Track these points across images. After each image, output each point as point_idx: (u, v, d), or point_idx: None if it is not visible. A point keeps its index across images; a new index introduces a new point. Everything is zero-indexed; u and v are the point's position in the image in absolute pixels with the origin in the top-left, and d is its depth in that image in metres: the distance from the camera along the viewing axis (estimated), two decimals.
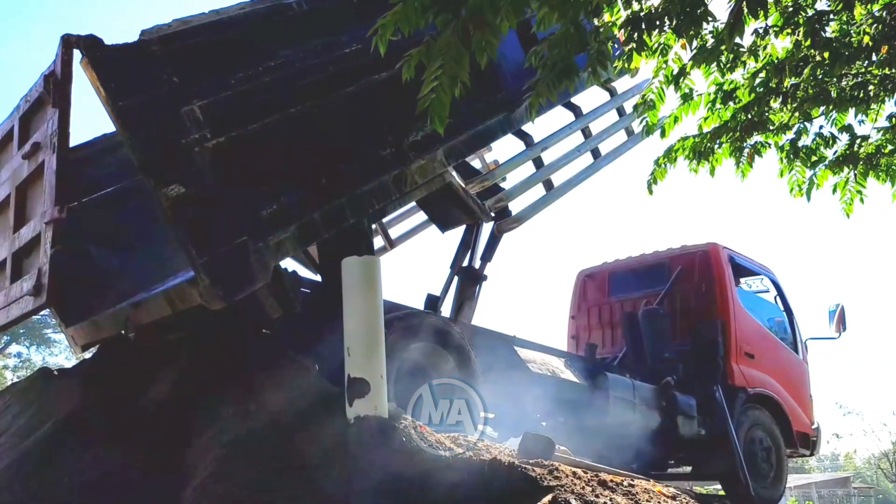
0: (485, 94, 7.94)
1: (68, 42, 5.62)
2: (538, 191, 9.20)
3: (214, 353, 6.19)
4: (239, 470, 4.75)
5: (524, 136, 8.85)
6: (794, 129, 7.50)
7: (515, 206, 8.90)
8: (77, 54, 5.55)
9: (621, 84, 10.33)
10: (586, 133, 9.84)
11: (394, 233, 11.36)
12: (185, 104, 5.60)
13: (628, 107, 10.19)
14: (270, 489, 4.61)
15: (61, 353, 38.88)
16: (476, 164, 9.85)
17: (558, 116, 9.70)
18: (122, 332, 6.64)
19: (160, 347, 6.40)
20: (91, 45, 5.41)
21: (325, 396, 5.45)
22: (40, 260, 6.04)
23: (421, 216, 10.94)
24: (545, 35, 5.29)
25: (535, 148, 8.93)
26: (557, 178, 9.42)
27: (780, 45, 6.95)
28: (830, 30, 6.75)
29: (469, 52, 4.55)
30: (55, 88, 5.92)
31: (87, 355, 7.29)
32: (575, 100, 9.67)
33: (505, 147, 12.28)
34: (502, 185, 8.81)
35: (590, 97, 10.11)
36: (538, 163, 9.08)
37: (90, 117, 7.33)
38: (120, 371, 6.36)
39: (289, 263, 7.28)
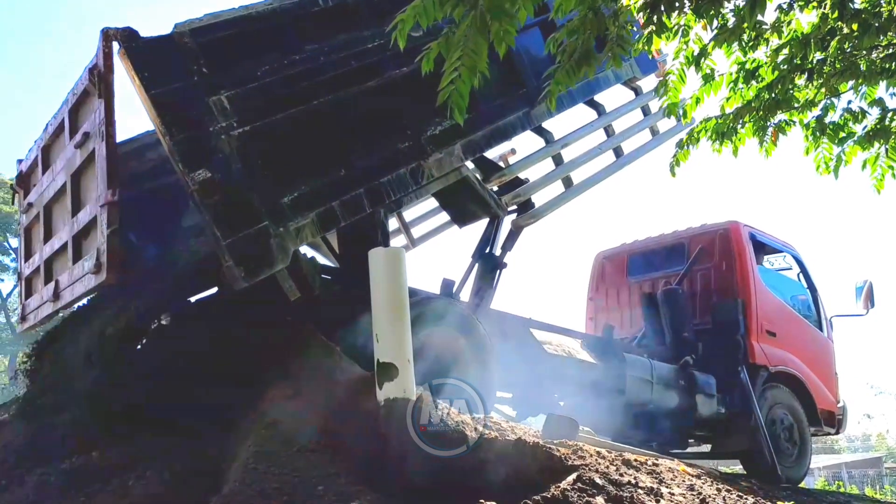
0: (505, 90, 8.22)
1: (108, 35, 6.14)
2: (558, 187, 9.42)
3: (251, 340, 6.52)
4: (277, 450, 5.01)
5: (544, 133, 9.04)
6: (821, 106, 7.43)
7: (534, 202, 9.12)
8: (116, 47, 6.03)
9: (646, 83, 10.43)
10: (609, 131, 10.00)
11: (416, 232, 11.67)
12: (214, 94, 6.07)
13: (653, 106, 10.34)
14: (308, 468, 4.85)
15: None
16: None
17: (581, 115, 9.86)
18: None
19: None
20: (127, 37, 5.90)
21: (355, 380, 5.74)
22: (98, 240, 6.51)
23: (442, 217, 11.23)
24: (564, 22, 5.44)
25: (554, 145, 9.12)
26: (578, 176, 9.60)
27: (805, 19, 6.93)
28: (859, 0, 6.70)
29: (488, 42, 4.72)
30: (99, 80, 6.37)
31: None
32: (598, 98, 9.86)
33: (525, 143, 12.40)
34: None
35: (613, 96, 10.30)
36: (558, 160, 9.27)
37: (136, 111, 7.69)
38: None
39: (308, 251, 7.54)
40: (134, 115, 7.87)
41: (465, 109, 4.91)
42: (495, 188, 8.57)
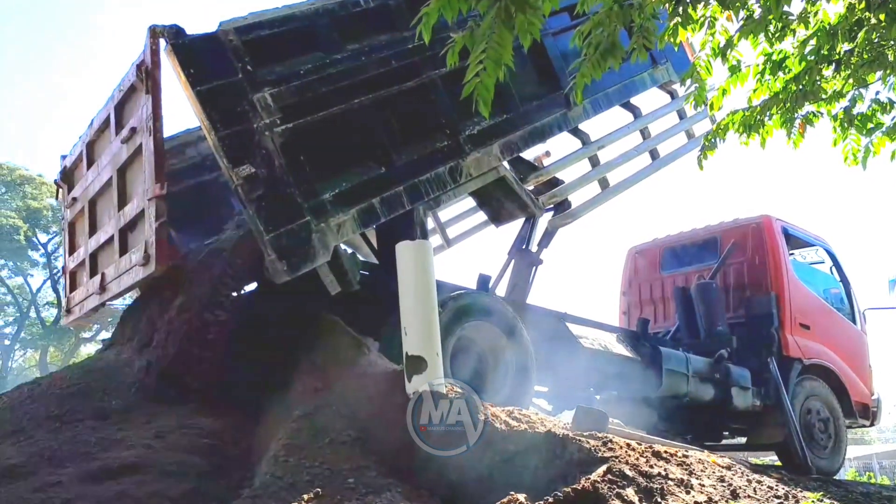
0: (543, 92, 8.19)
1: (155, 32, 6.21)
2: (594, 188, 9.38)
3: (283, 335, 6.51)
4: (308, 443, 4.97)
5: (580, 135, 8.96)
6: (849, 97, 7.22)
7: (571, 202, 9.10)
8: (163, 44, 6.10)
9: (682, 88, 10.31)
10: (645, 134, 9.94)
11: (451, 232, 11.59)
12: (258, 91, 6.14)
13: (689, 110, 10.22)
14: (338, 461, 4.80)
15: None
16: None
17: (618, 117, 9.82)
18: None
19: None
20: (174, 34, 5.98)
21: (385, 373, 5.65)
22: (146, 233, 6.54)
23: (477, 218, 11.18)
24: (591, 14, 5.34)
25: (591, 146, 9.09)
26: (614, 177, 9.55)
27: (832, 9, 6.75)
28: None
29: (513, 35, 4.63)
30: (146, 76, 6.42)
31: None
32: (634, 101, 9.81)
33: (564, 145, 12.35)
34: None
35: (650, 100, 10.21)
36: (594, 161, 9.20)
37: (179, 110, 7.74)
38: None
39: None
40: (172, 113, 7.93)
41: (490, 102, 4.82)
42: (531, 188, 8.50)
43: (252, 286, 7.16)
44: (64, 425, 5.68)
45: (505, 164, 7.91)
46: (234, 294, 6.67)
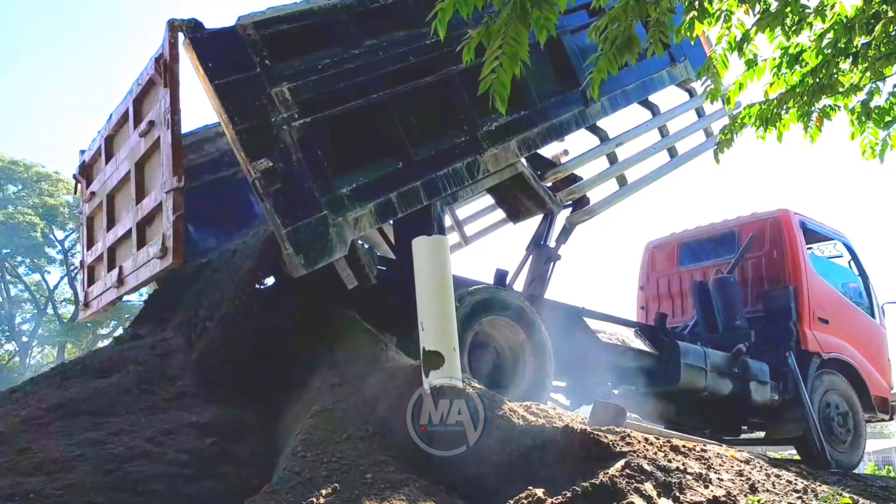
0: (560, 89, 8.16)
1: (174, 26, 6.23)
2: (611, 185, 9.34)
3: (303, 329, 6.50)
4: (326, 438, 4.95)
5: (598, 132, 8.93)
6: (866, 90, 7.11)
7: (589, 199, 9.06)
8: (181, 38, 6.08)
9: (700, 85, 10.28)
10: (663, 132, 9.89)
11: (469, 230, 11.55)
12: (276, 85, 6.12)
13: (708, 108, 10.20)
14: (356, 456, 4.78)
15: None
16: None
17: (636, 115, 9.78)
18: None
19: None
20: (193, 28, 5.96)
21: (403, 368, 5.63)
22: (164, 226, 6.56)
23: (495, 216, 11.14)
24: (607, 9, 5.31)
25: (609, 143, 9.05)
26: (632, 175, 9.50)
27: (849, 2, 6.68)
28: None
29: (528, 30, 4.60)
30: (165, 69, 6.44)
31: None
32: (653, 99, 9.76)
33: (582, 142, 12.34)
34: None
35: (668, 98, 10.15)
36: (612, 158, 9.16)
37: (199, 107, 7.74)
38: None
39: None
40: (189, 108, 7.92)
41: (506, 98, 4.80)
42: (549, 185, 8.46)
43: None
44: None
45: (523, 160, 7.87)
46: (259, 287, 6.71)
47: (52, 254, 40.18)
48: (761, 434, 11.15)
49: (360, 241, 6.57)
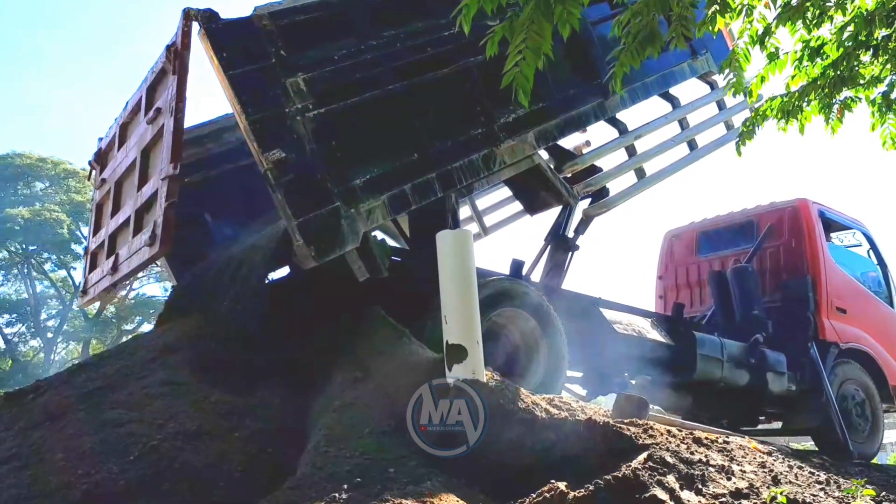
0: (579, 81, 8.13)
1: (188, 15, 6.17)
2: (630, 177, 9.32)
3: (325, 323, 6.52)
4: (348, 434, 4.95)
5: (618, 124, 8.90)
6: (886, 82, 7.18)
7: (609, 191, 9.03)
8: (196, 28, 6.05)
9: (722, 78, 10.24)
10: (683, 124, 9.85)
11: (488, 221, 11.55)
12: (291, 76, 6.08)
13: (728, 101, 10.15)
14: (378, 451, 4.78)
15: None
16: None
17: (656, 107, 9.75)
18: None
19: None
20: (208, 18, 5.92)
21: (425, 362, 5.62)
22: (156, 213, 6.52)
23: (514, 207, 11.11)
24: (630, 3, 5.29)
25: (628, 136, 9.01)
26: (651, 167, 9.48)
27: None
28: None
29: (552, 25, 4.59)
30: (175, 57, 6.40)
31: None
32: (673, 91, 9.73)
33: (602, 134, 12.33)
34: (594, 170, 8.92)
35: (689, 90, 10.10)
36: (631, 151, 9.12)
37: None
38: None
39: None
40: (209, 96, 7.90)
41: (529, 92, 4.80)
42: (568, 176, 8.43)
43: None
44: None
45: (540, 152, 7.85)
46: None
47: (79, 250, 39.93)
48: (778, 424, 11.13)
49: (373, 233, 6.54)
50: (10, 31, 74.30)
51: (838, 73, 6.85)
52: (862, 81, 7.05)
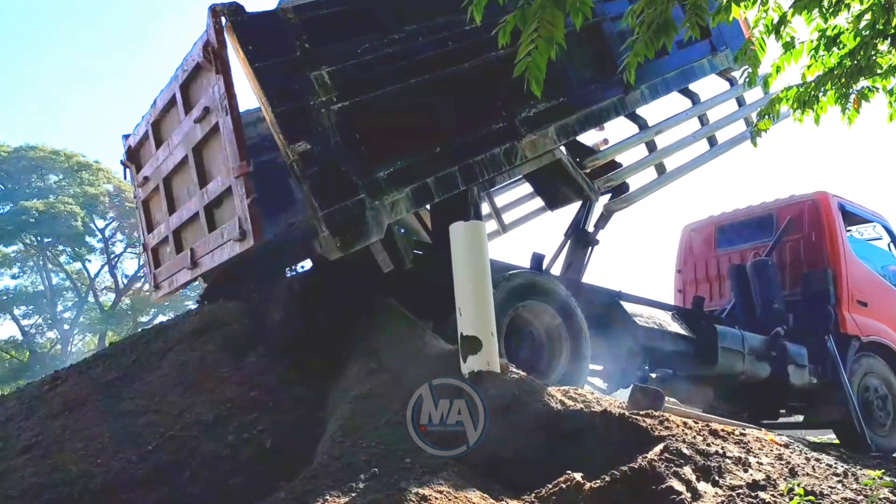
0: (599, 76, 8.08)
1: (215, 11, 6.14)
2: (650, 173, 9.27)
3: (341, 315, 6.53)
4: (364, 424, 4.96)
5: (637, 119, 8.86)
6: None
7: (629, 187, 9.01)
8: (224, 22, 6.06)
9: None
10: (703, 120, 9.79)
11: (507, 217, 11.49)
12: (315, 69, 6.11)
13: (748, 97, 10.09)
14: (394, 441, 4.78)
15: None
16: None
17: (676, 103, 9.69)
18: None
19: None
20: (234, 11, 5.96)
21: (440, 354, 5.61)
22: (237, 209, 6.50)
23: (533, 203, 11.07)
24: None
25: (648, 131, 8.98)
26: (671, 163, 9.42)
27: None
28: None
29: (564, 14, 4.56)
30: (214, 56, 6.35)
31: None
32: (693, 87, 9.66)
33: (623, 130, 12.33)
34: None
35: (708, 87, 10.03)
36: (651, 146, 9.08)
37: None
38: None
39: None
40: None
41: (542, 81, 4.76)
42: (588, 172, 8.40)
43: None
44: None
45: (561, 147, 7.83)
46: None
47: (93, 242, 40.38)
48: (800, 418, 11.05)
49: (396, 226, 6.55)
50: (25, 25, 74.92)
51: (855, 62, 6.76)
52: (879, 71, 6.94)
